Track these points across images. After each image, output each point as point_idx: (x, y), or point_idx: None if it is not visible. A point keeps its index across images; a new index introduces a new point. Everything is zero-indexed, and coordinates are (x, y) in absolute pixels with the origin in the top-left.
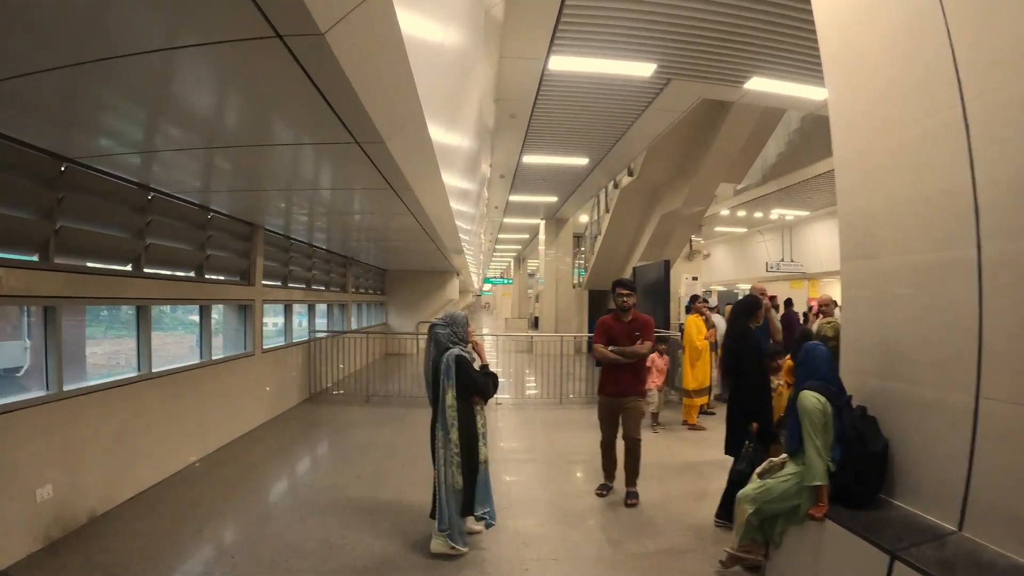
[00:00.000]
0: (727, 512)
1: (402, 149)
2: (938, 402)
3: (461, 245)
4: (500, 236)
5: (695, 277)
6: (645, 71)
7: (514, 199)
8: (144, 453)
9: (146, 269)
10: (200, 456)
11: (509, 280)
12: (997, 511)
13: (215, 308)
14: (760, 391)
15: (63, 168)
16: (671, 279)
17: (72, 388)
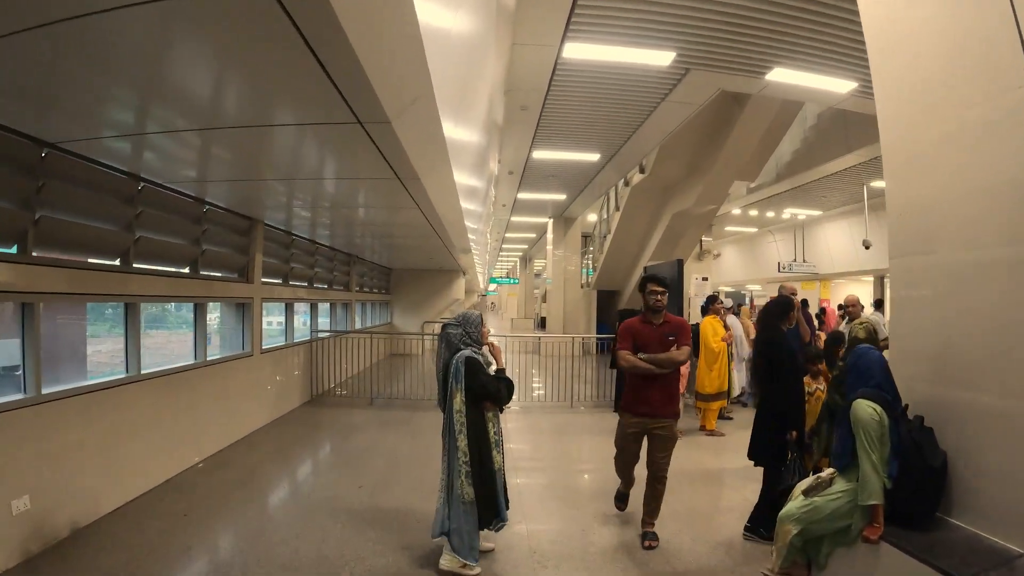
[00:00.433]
0: (759, 525)
1: (409, 132)
2: (1007, 411)
3: (469, 244)
4: (507, 235)
5: (705, 278)
6: (663, 60)
7: (522, 196)
8: (132, 460)
9: (136, 264)
10: (193, 463)
11: (515, 280)
12: None
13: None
14: (794, 397)
15: (44, 154)
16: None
17: (51, 391)
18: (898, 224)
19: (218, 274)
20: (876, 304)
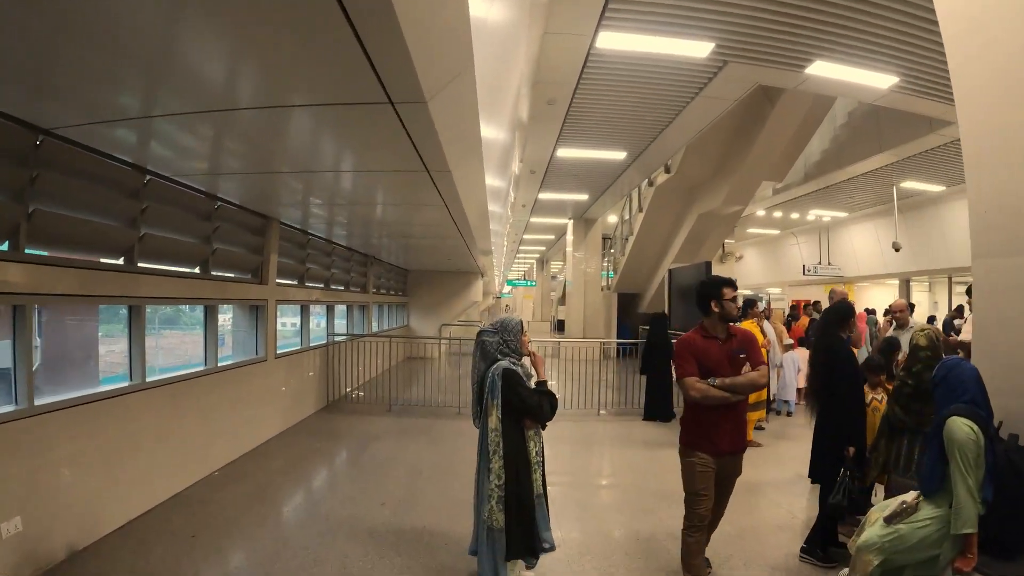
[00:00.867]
0: (816, 546)
1: (445, 115)
2: None
3: (491, 245)
4: (524, 236)
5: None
6: (700, 51)
7: (543, 197)
8: (136, 475)
9: (141, 263)
10: (201, 477)
11: (532, 282)
12: None
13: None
14: (855, 410)
15: (39, 141)
16: None
17: (44, 403)
18: (980, 223)
19: (231, 275)
20: (956, 310)
